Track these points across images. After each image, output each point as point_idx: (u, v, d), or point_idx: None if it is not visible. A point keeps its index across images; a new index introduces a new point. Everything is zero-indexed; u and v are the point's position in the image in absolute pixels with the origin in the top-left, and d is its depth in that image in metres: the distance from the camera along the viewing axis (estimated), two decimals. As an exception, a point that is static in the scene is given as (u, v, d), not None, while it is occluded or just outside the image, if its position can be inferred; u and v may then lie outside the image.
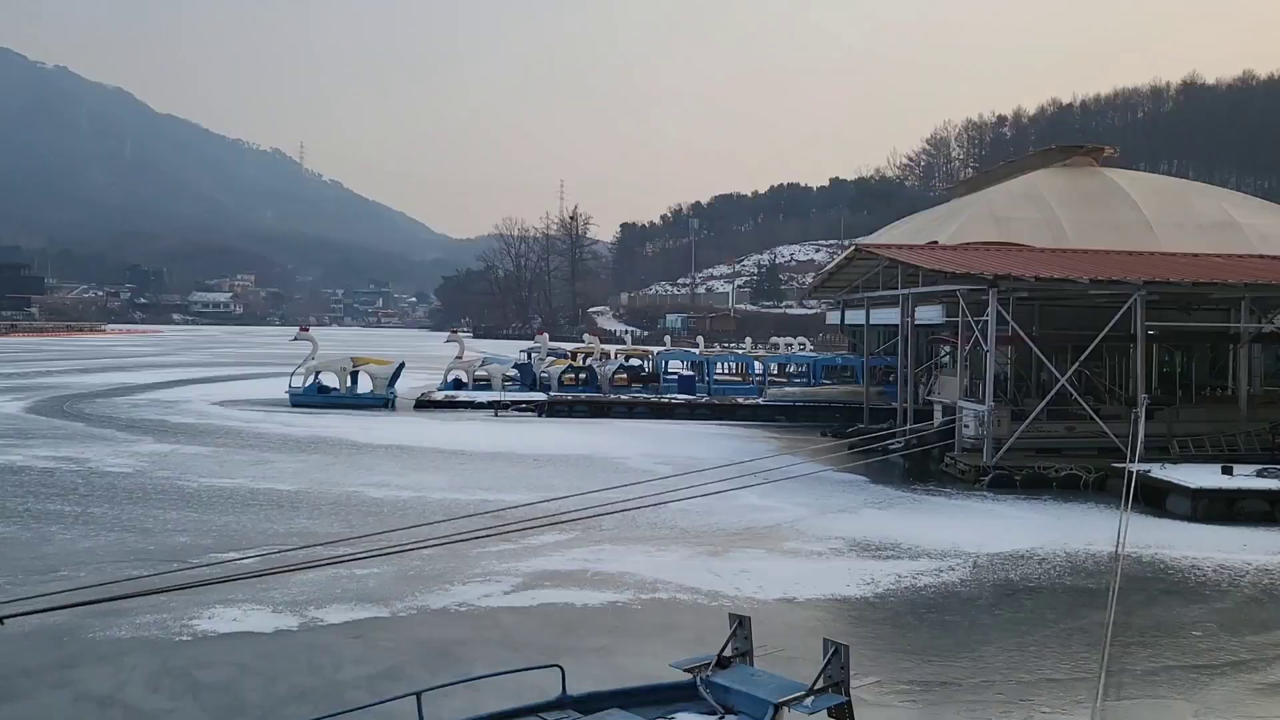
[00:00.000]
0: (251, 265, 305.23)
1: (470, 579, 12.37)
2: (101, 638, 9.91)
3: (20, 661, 9.21)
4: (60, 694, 8.59)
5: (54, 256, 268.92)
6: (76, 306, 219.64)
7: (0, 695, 8.52)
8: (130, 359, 67.81)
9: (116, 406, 33.25)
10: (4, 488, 17.89)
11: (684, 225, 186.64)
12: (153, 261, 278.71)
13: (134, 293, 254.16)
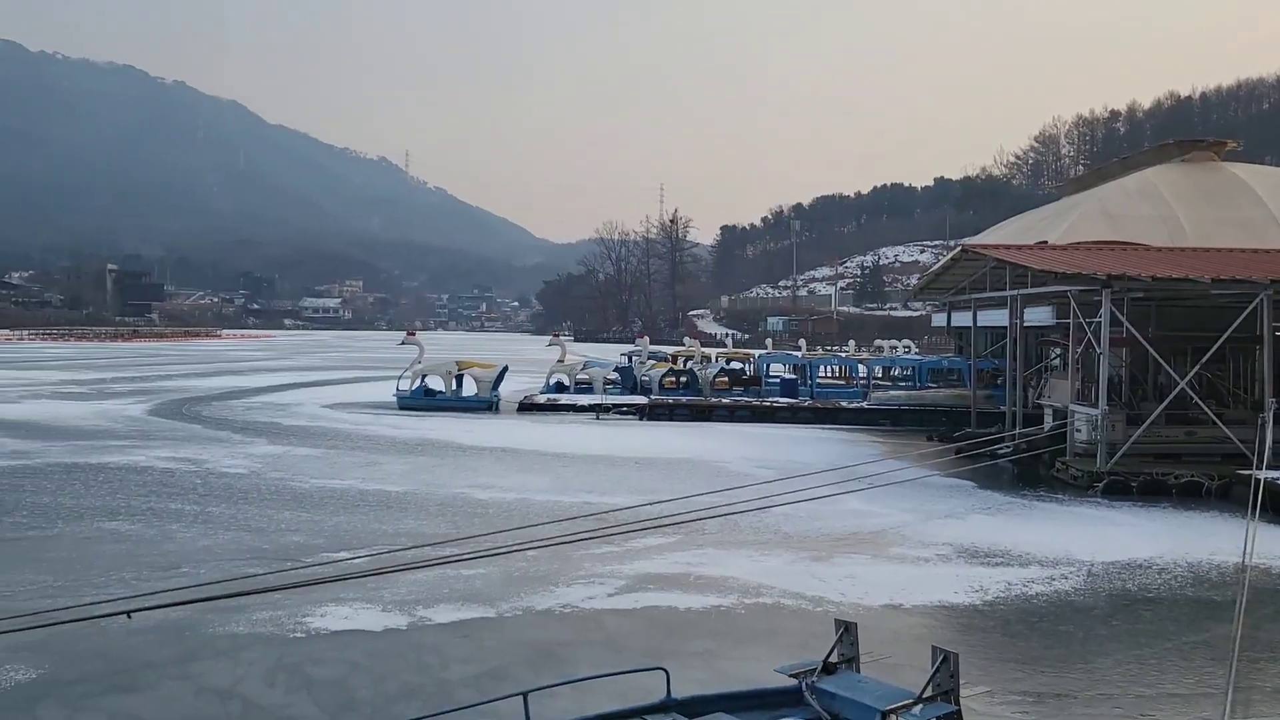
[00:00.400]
0: (359, 271, 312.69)
1: (574, 581, 12.45)
2: (221, 633, 10.22)
3: (145, 655, 9.55)
4: (182, 686, 8.88)
5: (172, 264, 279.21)
6: (193, 312, 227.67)
7: (127, 686, 8.85)
8: (244, 363, 69.97)
9: (232, 409, 34.31)
10: (129, 487, 18.57)
11: (785, 227, 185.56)
12: (265, 268, 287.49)
13: (247, 299, 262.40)
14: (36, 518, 15.64)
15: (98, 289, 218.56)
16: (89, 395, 39.06)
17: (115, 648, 9.69)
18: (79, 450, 23.28)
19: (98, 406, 34.17)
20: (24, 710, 8.22)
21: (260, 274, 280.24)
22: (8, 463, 21.13)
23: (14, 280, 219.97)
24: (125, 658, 9.48)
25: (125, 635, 9.86)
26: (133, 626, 9.87)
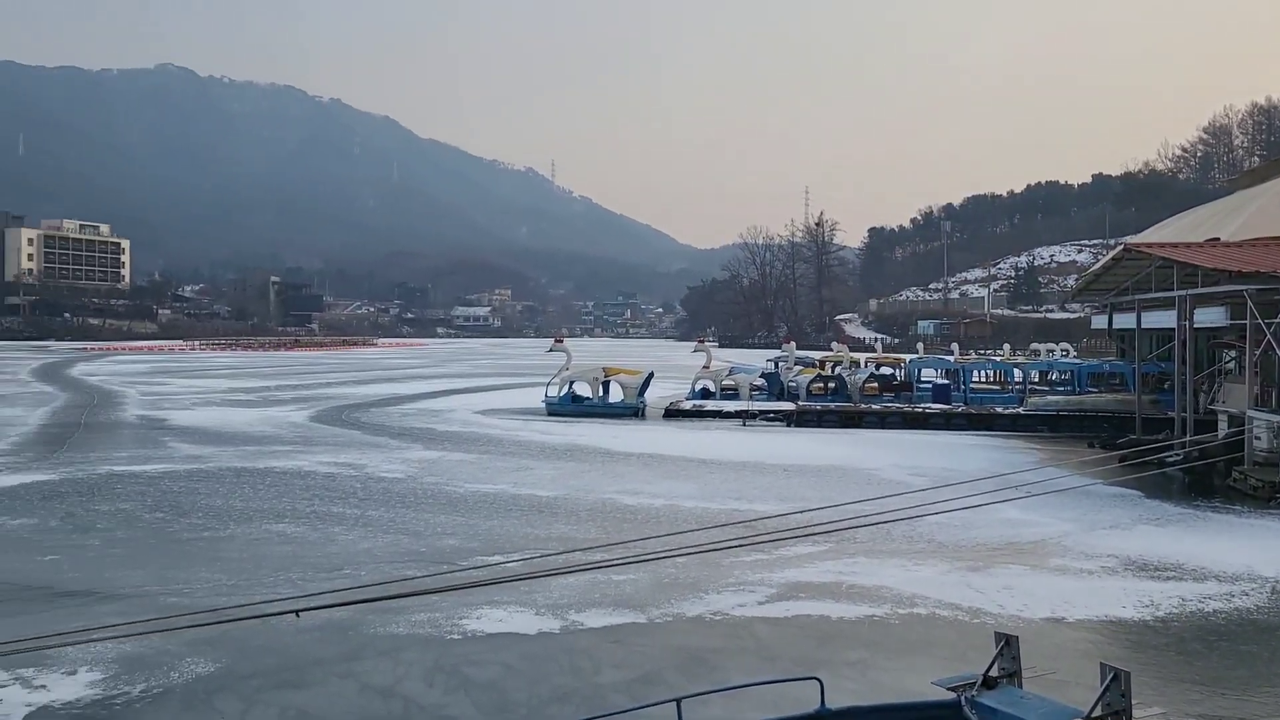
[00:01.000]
0: (507, 280, 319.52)
1: (724, 588, 12.39)
2: (382, 633, 10.54)
3: (312, 652, 9.91)
4: (347, 684, 9.18)
5: (331, 276, 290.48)
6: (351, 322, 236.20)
7: (296, 682, 9.20)
8: (399, 371, 72.20)
9: (388, 415, 35.43)
10: (294, 491, 19.35)
11: (935, 228, 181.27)
12: (418, 279, 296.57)
13: (401, 308, 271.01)
14: (210, 519, 16.42)
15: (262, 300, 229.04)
16: (255, 402, 40.89)
17: (284, 645, 10.08)
18: (247, 455, 24.37)
19: (263, 413, 35.72)
20: (204, 702, 8.62)
21: (413, 284, 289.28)
22: (184, 467, 22.25)
23: (186, 293, 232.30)
24: (294, 655, 9.86)
25: (294, 633, 10.25)
26: (300, 625, 10.27)
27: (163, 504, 17.76)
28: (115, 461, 23.04)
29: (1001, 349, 63.21)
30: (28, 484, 19.65)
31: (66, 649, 9.62)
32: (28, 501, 17.79)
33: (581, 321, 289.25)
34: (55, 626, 10.37)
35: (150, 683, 8.98)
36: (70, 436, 28.09)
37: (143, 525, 15.99)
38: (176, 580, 12.46)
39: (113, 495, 18.60)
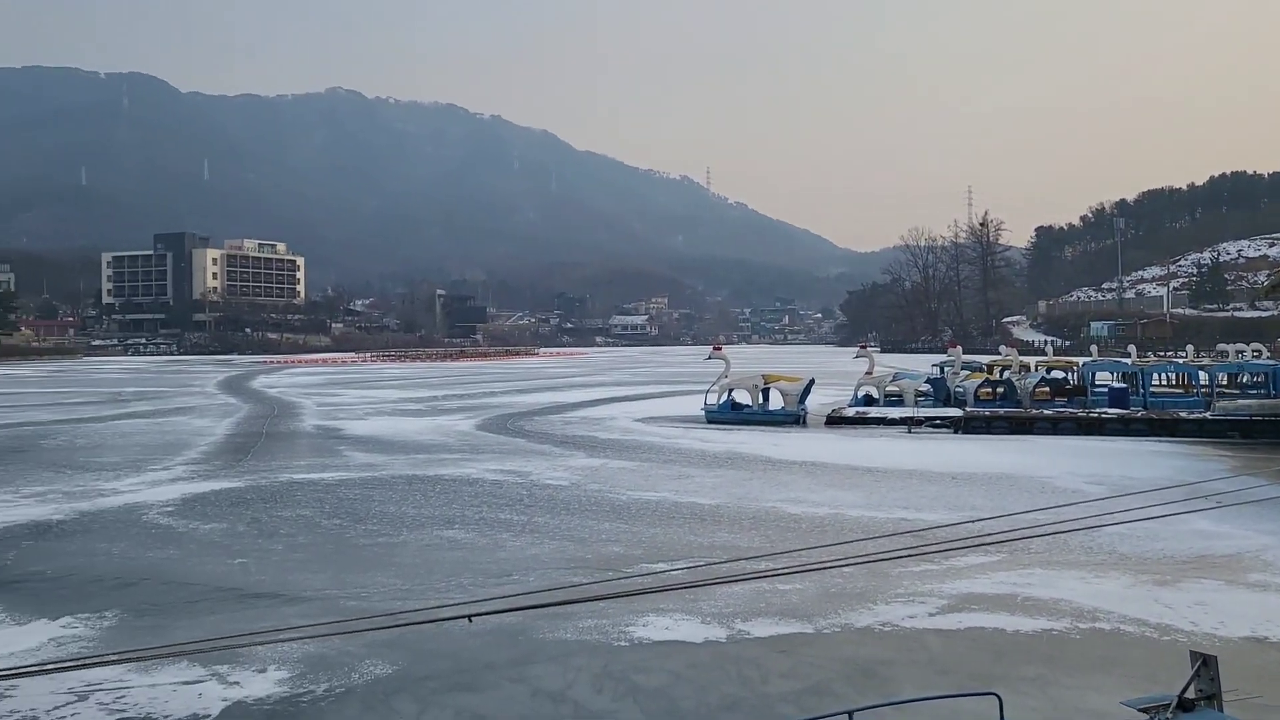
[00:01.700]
0: (664, 288, 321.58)
1: (893, 599, 12.11)
2: (551, 638, 10.69)
3: (485, 656, 10.13)
4: (519, 688, 9.34)
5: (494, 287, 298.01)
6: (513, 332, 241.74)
7: (469, 685, 9.41)
8: (560, 379, 73.43)
9: (551, 424, 36.04)
10: (463, 498, 19.86)
11: (1107, 225, 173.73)
12: (577, 288, 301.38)
13: (561, 318, 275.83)
14: (385, 525, 16.99)
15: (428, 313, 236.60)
16: (424, 412, 42.20)
17: (458, 648, 10.32)
18: (418, 463, 25.15)
19: (432, 422, 36.83)
20: (383, 702, 8.91)
21: (572, 294, 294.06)
22: (359, 475, 23.11)
23: (357, 307, 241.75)
24: (467, 658, 10.08)
25: (466, 637, 10.49)
26: (472, 629, 10.50)
27: (340, 510, 18.47)
28: (295, 470, 24.10)
29: (1184, 351, 60.07)
30: (217, 491, 20.73)
31: (257, 648, 10.09)
32: (218, 507, 18.77)
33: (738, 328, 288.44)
34: (246, 626, 10.92)
35: (333, 682, 9.33)
36: (254, 446, 29.53)
37: (322, 531, 16.65)
38: (354, 584, 12.91)
39: (294, 502, 19.45)
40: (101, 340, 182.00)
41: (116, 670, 9.49)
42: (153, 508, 18.68)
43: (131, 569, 13.88)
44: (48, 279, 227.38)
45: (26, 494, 20.41)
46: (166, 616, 11.48)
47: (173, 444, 29.92)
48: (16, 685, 9.07)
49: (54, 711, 8.57)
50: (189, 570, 13.77)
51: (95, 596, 12.38)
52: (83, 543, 15.72)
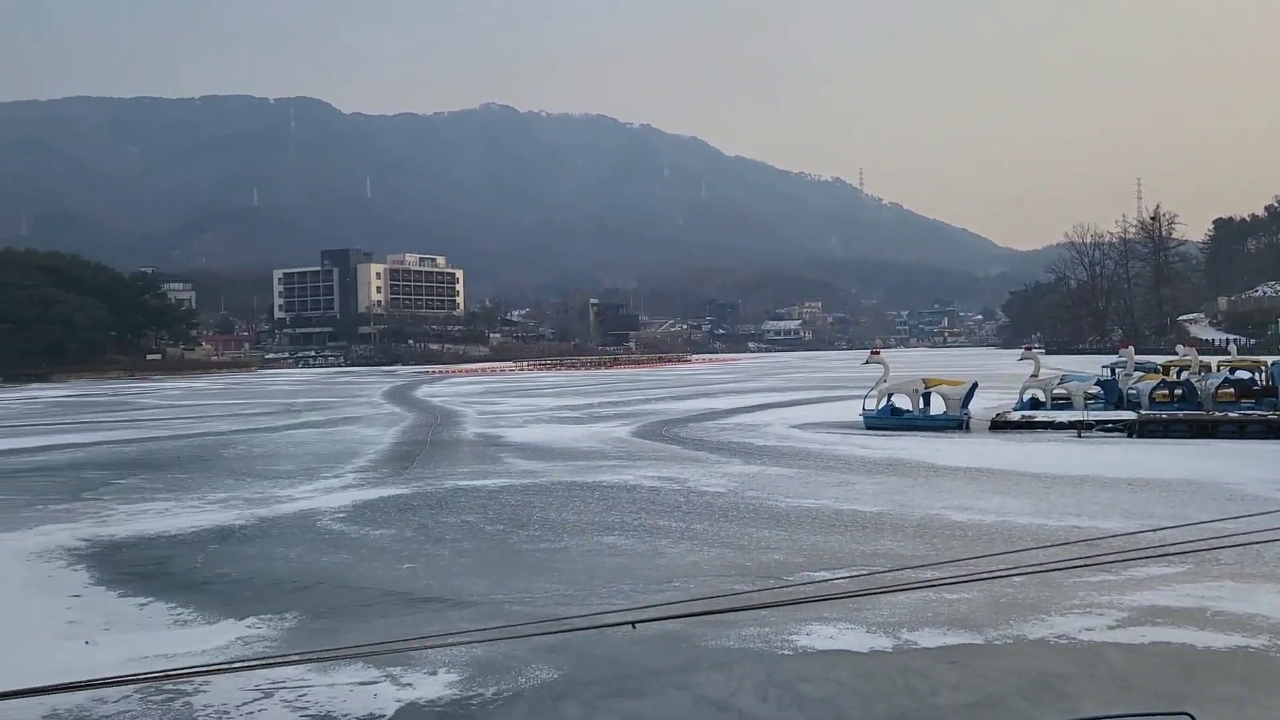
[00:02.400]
0: (818, 292, 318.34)
1: (1068, 610, 11.61)
2: (714, 646, 10.63)
3: (648, 663, 10.15)
4: (682, 695, 9.32)
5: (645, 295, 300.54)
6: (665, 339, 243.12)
7: (634, 691, 9.44)
8: (714, 386, 73.43)
9: (706, 430, 36.02)
10: (621, 505, 20.00)
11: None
12: (728, 294, 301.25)
13: (713, 324, 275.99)
14: (546, 531, 17.25)
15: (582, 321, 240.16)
16: (581, 419, 42.78)
17: (621, 654, 10.37)
18: (576, 470, 25.47)
19: (589, 429, 37.29)
20: (550, 707, 9.01)
21: (724, 299, 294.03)
22: (520, 481, 23.56)
23: (514, 317, 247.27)
24: (631, 664, 10.12)
25: (629, 643, 10.53)
26: (635, 636, 10.52)
27: (502, 516, 18.85)
28: (459, 476, 24.73)
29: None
30: (386, 498, 21.43)
31: (427, 651, 10.34)
32: (386, 514, 19.40)
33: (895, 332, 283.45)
34: (416, 630, 11.24)
35: (501, 686, 9.49)
36: (419, 453, 30.45)
37: (486, 536, 17.02)
38: (518, 589, 13.13)
39: (458, 508, 19.94)
40: (274, 353, 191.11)
41: (298, 670, 9.88)
42: (326, 514, 19.43)
43: (308, 573, 14.45)
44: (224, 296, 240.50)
45: (211, 500, 21.52)
46: (341, 619, 11.90)
47: (343, 452, 31.11)
48: (210, 681, 9.56)
49: (243, 707, 8.98)
50: (361, 574, 14.26)
51: (276, 598, 12.93)
52: (263, 547, 16.46)
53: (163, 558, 15.67)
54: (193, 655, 10.48)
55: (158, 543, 16.93)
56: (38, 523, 19.01)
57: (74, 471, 27.46)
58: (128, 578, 14.26)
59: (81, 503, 21.56)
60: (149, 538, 17.36)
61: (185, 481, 24.83)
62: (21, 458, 31.49)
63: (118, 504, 21.26)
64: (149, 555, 15.89)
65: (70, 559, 15.61)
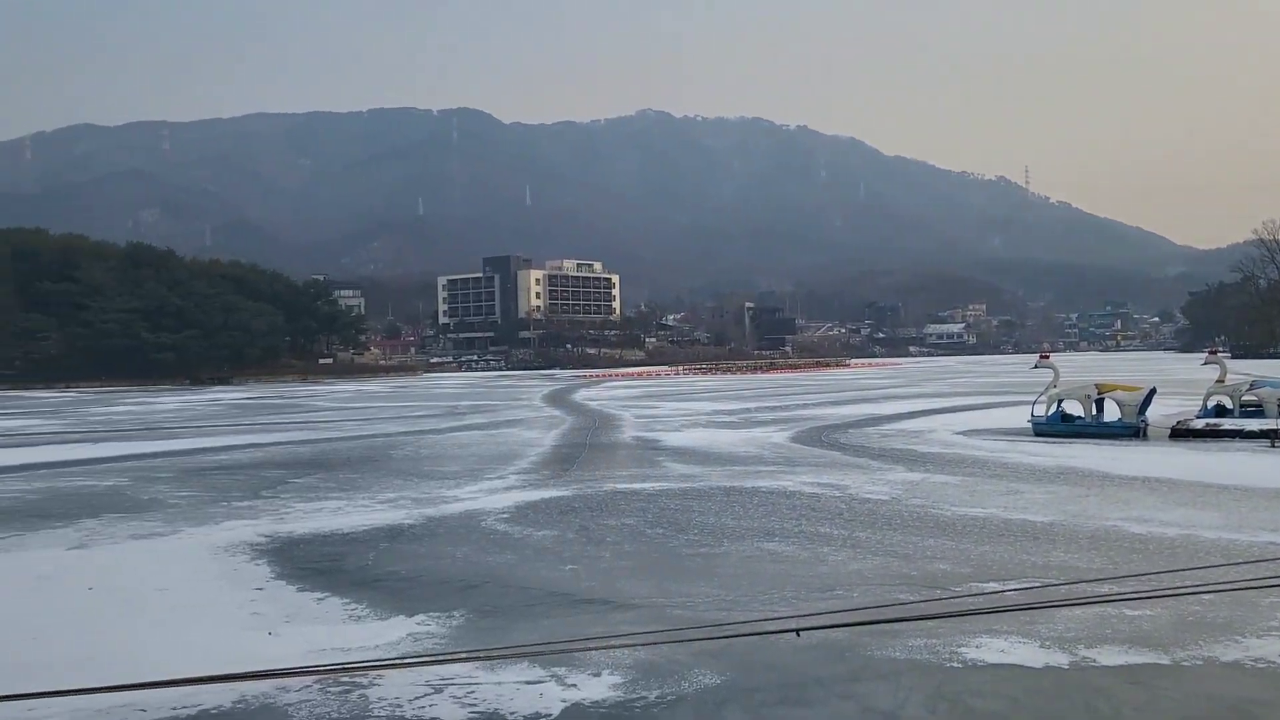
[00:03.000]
0: (981, 294, 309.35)
1: (1265, 632, 10.89)
2: (880, 656, 10.39)
3: (812, 671, 9.99)
4: (848, 705, 9.13)
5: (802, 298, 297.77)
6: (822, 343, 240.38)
7: (798, 700, 9.30)
8: (874, 391, 72.15)
9: (867, 436, 35.38)
10: (781, 510, 19.80)
11: None
12: (887, 297, 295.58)
13: (872, 327, 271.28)
14: (706, 536, 17.20)
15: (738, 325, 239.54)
16: (738, 424, 42.61)
17: (785, 662, 10.24)
18: (735, 475, 25.35)
19: (746, 434, 37.10)
20: (713, 712, 8.96)
21: (883, 303, 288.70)
22: (678, 485, 23.59)
23: (669, 322, 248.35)
24: (794, 672, 9.98)
25: (792, 651, 10.39)
26: (799, 643, 10.39)
27: (662, 520, 18.90)
28: (618, 480, 24.94)
29: None
30: (548, 499, 21.77)
31: (590, 652, 10.44)
32: (548, 515, 19.70)
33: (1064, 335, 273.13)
34: (579, 631, 11.35)
35: (664, 690, 9.49)
36: (578, 456, 30.86)
37: (646, 540, 17.08)
38: (679, 593, 13.13)
39: (618, 511, 20.10)
40: (438, 357, 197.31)
41: (466, 667, 10.11)
42: (490, 515, 19.86)
43: (474, 572, 14.78)
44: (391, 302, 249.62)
45: (381, 500, 22.28)
46: (507, 618, 12.11)
47: (505, 454, 31.79)
48: (383, 676, 9.86)
49: (414, 702, 9.23)
50: (525, 575, 14.50)
51: (444, 597, 13.26)
52: (430, 546, 16.93)
53: (337, 554, 16.28)
54: (366, 650, 10.85)
55: (332, 540, 17.60)
56: (224, 519, 20.03)
57: (254, 470, 28.85)
58: (305, 573, 14.87)
59: (262, 500, 22.62)
60: (324, 535, 18.06)
61: (356, 481, 25.79)
62: (208, 457, 33.27)
63: (295, 502, 22.22)
64: (324, 552, 16.54)
65: (253, 554, 16.38)
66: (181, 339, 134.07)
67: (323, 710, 9.09)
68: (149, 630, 11.93)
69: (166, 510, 21.32)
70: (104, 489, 25.14)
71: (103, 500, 23.04)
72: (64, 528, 19.31)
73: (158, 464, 31.08)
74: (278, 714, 9.05)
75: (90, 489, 25.19)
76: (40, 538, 18.33)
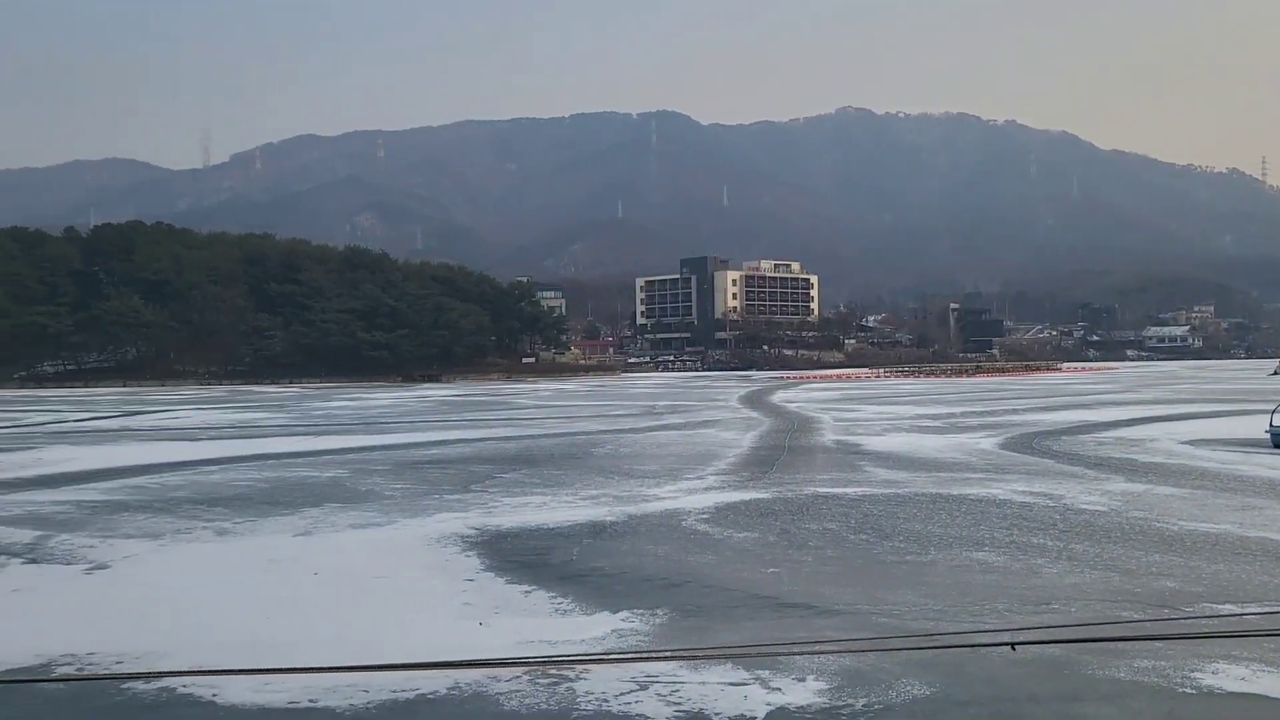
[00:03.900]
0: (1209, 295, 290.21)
1: None
2: (1101, 676, 9.83)
3: (1027, 687, 9.55)
4: (1069, 728, 8.69)
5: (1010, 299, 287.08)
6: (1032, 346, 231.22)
7: (1012, 715, 8.93)
8: (1089, 396, 68.77)
9: (1081, 444, 33.71)
10: (990, 519, 19.07)
11: None
12: (1102, 298, 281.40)
13: (1086, 330, 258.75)
14: (911, 543, 16.74)
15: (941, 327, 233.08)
16: (942, 429, 41.36)
17: (998, 676, 9.83)
18: (940, 481, 24.60)
19: (952, 440, 35.96)
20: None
21: (1098, 304, 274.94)
22: (881, 491, 23.07)
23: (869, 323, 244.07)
24: (1008, 687, 9.56)
25: (1006, 665, 9.98)
26: (1013, 658, 9.97)
27: (865, 526, 18.51)
28: (818, 484, 24.58)
29: None
30: (747, 501, 21.68)
31: (794, 657, 10.30)
32: (748, 517, 19.61)
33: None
34: (782, 635, 11.22)
35: (871, 699, 9.25)
36: (777, 459, 30.61)
37: (849, 545, 16.76)
38: (885, 601, 12.80)
39: (819, 515, 19.80)
40: (636, 357, 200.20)
41: (669, 665, 10.14)
42: (690, 514, 19.92)
43: (675, 571, 14.84)
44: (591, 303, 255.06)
45: (584, 496, 22.70)
46: (709, 619, 12.09)
47: (703, 454, 31.87)
48: (589, 670, 10.00)
49: (620, 698, 9.32)
50: (726, 576, 14.45)
51: (646, 594, 13.36)
52: (632, 543, 17.11)
53: (543, 549, 16.66)
54: (572, 643, 11.04)
55: (537, 534, 18.03)
56: (436, 510, 20.84)
57: (463, 465, 29.91)
58: (513, 565, 15.28)
59: (471, 494, 23.41)
60: (530, 529, 18.53)
61: (560, 477, 26.37)
62: (420, 451, 34.72)
63: (502, 496, 22.91)
64: (530, 546, 16.95)
65: (464, 545, 16.96)
66: (394, 338, 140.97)
67: (532, 701, 9.29)
68: (369, 615, 12.50)
69: (383, 501, 22.36)
70: (325, 480, 26.59)
71: (325, 490, 24.37)
72: (290, 515, 20.52)
73: (374, 457, 32.66)
74: (489, 702, 9.30)
75: (313, 479, 26.69)
76: (270, 524, 19.53)
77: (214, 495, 23.64)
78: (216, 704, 9.36)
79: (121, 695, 9.70)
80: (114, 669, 10.37)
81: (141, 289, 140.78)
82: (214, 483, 26.16)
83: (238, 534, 18.50)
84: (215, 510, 21.26)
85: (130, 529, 19.09)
